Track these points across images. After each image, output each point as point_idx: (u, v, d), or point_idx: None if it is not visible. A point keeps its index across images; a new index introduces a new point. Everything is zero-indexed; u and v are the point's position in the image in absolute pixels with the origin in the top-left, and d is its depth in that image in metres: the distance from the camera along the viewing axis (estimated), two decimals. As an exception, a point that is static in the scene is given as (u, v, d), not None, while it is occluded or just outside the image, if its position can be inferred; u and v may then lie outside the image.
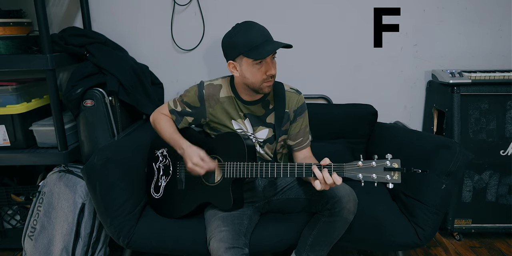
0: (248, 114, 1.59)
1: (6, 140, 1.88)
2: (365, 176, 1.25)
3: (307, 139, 1.66)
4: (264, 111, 1.60)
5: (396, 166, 1.22)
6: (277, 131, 1.59)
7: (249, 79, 1.47)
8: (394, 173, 1.22)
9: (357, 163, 1.26)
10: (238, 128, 1.61)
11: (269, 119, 1.61)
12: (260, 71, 1.44)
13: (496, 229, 2.11)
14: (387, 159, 1.23)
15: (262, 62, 1.43)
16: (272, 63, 1.46)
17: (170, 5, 2.19)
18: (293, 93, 1.62)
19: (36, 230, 1.84)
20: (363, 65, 2.28)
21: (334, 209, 1.47)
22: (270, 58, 1.44)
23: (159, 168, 1.73)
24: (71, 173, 1.87)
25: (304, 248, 1.58)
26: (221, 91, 1.59)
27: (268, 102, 1.60)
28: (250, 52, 1.41)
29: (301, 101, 1.62)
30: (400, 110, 2.34)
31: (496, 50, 2.24)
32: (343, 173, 1.29)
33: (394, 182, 1.22)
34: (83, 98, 1.85)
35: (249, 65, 1.44)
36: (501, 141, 2.03)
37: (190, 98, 1.61)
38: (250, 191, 1.65)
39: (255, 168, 1.45)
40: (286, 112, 1.60)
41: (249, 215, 1.59)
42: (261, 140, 1.61)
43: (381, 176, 1.23)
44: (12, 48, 1.87)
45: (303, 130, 1.64)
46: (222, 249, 1.38)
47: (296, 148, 1.65)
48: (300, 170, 1.38)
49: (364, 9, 2.19)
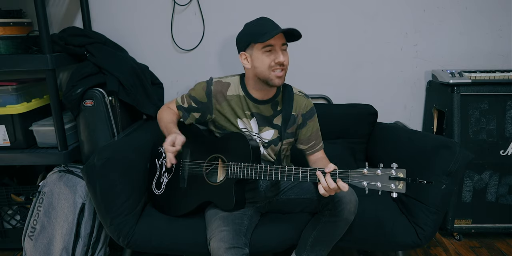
0: (256, 113, 1.60)
1: (6, 140, 1.88)
2: (369, 184, 1.26)
3: (319, 142, 1.67)
4: (272, 112, 1.60)
5: (401, 176, 1.22)
6: (282, 133, 1.59)
7: (258, 67, 1.48)
8: (399, 182, 1.22)
9: (362, 171, 1.27)
10: (243, 127, 1.61)
11: (276, 121, 1.61)
12: (269, 59, 1.46)
13: (496, 229, 2.11)
14: (392, 168, 1.24)
15: (271, 51, 1.45)
16: (282, 53, 1.47)
17: (170, 5, 2.19)
18: (302, 97, 1.63)
19: (36, 230, 1.84)
20: (363, 65, 2.28)
21: (335, 209, 1.47)
22: (279, 46, 1.45)
23: (161, 164, 1.73)
24: (71, 173, 1.87)
25: (305, 248, 1.58)
26: (229, 89, 1.60)
27: (277, 103, 1.61)
28: (258, 38, 1.43)
29: (309, 105, 1.64)
30: (400, 110, 2.34)
31: (496, 50, 2.24)
32: (348, 180, 1.29)
33: (399, 191, 1.22)
34: (83, 98, 1.85)
35: (259, 52, 1.46)
36: (501, 141, 2.03)
37: (197, 93, 1.62)
38: (251, 191, 1.65)
39: (259, 170, 1.45)
40: (293, 115, 1.61)
41: (250, 215, 1.59)
42: (266, 140, 1.62)
43: (385, 185, 1.23)
44: (12, 48, 1.87)
45: (315, 134, 1.65)
46: (222, 249, 1.38)
47: (309, 151, 1.66)
48: (305, 175, 1.38)
49: (364, 9, 2.19)
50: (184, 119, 1.68)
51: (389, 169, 1.24)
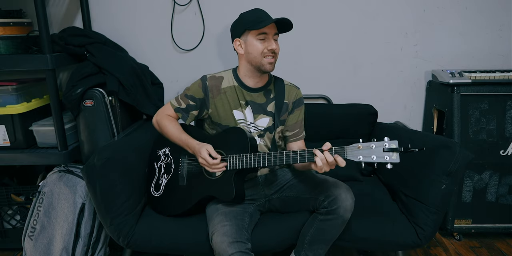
0: (250, 101, 1.65)
1: (6, 140, 1.88)
2: (365, 157, 1.30)
3: (302, 131, 1.73)
4: (266, 99, 1.66)
5: (394, 146, 1.27)
6: (276, 119, 1.64)
7: (251, 53, 1.56)
8: (392, 153, 1.27)
9: (357, 145, 1.32)
10: (239, 118, 1.65)
11: (270, 108, 1.67)
12: (262, 46, 1.55)
13: (496, 229, 2.11)
14: (385, 140, 1.29)
15: (265, 39, 1.55)
16: (275, 42, 1.57)
17: (170, 5, 2.19)
18: (292, 87, 1.72)
19: (36, 230, 1.84)
20: (363, 65, 2.28)
21: (331, 207, 1.49)
22: (272, 35, 1.55)
23: (160, 167, 1.74)
24: (71, 173, 1.87)
25: (302, 246, 1.58)
26: (223, 82, 1.65)
27: (269, 91, 1.68)
28: (254, 25, 1.53)
29: (299, 94, 1.72)
30: (400, 110, 2.34)
31: (496, 50, 2.24)
32: (345, 155, 1.34)
33: (393, 161, 1.27)
34: (83, 98, 1.85)
35: (253, 38, 1.55)
36: (501, 141, 2.03)
37: (194, 91, 1.66)
38: (251, 188, 1.67)
39: (257, 158, 1.49)
40: (285, 102, 1.68)
41: (250, 212, 1.60)
42: (261, 128, 1.66)
43: (380, 157, 1.28)
44: (12, 48, 1.87)
45: (300, 123, 1.72)
46: (225, 243, 1.39)
47: (291, 139, 1.71)
48: (302, 155, 1.41)
49: (364, 9, 2.20)
50: (184, 120, 1.69)
51: (382, 141, 1.29)
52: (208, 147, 1.54)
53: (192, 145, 1.58)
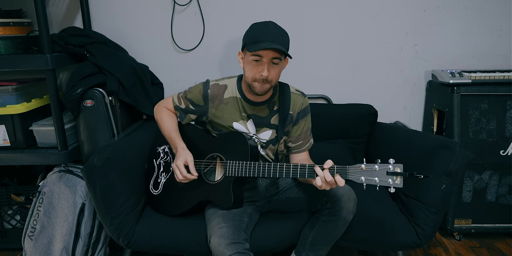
0: (252, 115, 1.60)
1: (6, 140, 1.88)
2: (367, 179, 1.26)
3: (307, 143, 1.66)
4: (269, 113, 1.60)
5: (398, 171, 1.23)
6: (279, 132, 1.59)
7: (245, 72, 1.50)
8: (396, 177, 1.23)
9: (360, 166, 1.27)
10: (240, 130, 1.61)
11: (273, 121, 1.61)
12: (255, 69, 1.45)
13: (496, 229, 2.11)
14: (390, 163, 1.24)
15: (259, 61, 1.43)
16: (271, 66, 1.44)
17: (170, 5, 2.19)
18: (298, 96, 1.63)
19: (36, 230, 1.84)
20: (363, 65, 2.28)
21: (334, 208, 1.47)
22: (268, 59, 1.42)
23: (159, 164, 1.73)
24: (71, 173, 1.87)
25: (304, 247, 1.58)
26: (226, 92, 1.60)
27: (273, 103, 1.61)
28: (249, 45, 1.42)
29: (305, 104, 1.64)
30: (400, 110, 2.34)
31: (496, 50, 2.24)
32: (346, 175, 1.30)
33: (396, 186, 1.23)
34: (83, 98, 1.85)
35: (249, 58, 1.44)
36: (501, 141, 2.03)
37: (194, 96, 1.62)
38: (251, 190, 1.66)
39: (257, 168, 1.45)
40: (290, 113, 1.61)
41: (250, 213, 1.59)
42: (264, 140, 1.62)
43: (383, 180, 1.24)
44: (12, 48, 1.87)
45: (305, 133, 1.65)
46: (223, 245, 1.39)
47: (294, 150, 1.66)
48: (303, 171, 1.38)
49: (364, 9, 2.19)
50: (181, 120, 1.68)
51: (387, 164, 1.25)
52: (189, 158, 1.49)
53: (175, 147, 1.55)
